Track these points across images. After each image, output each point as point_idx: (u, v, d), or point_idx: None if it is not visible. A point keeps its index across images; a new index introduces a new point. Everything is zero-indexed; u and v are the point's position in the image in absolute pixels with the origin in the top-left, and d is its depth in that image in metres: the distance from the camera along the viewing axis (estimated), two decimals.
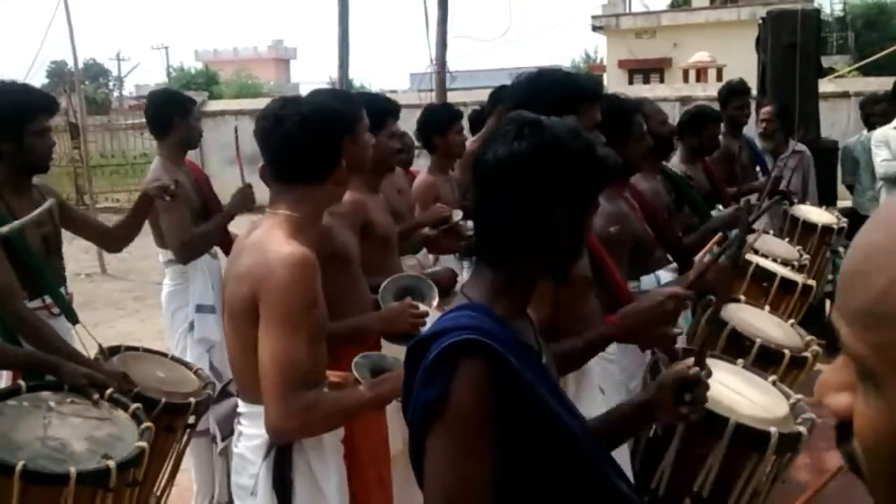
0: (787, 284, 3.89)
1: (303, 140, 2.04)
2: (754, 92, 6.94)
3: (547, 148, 1.39)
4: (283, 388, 1.89)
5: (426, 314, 2.59)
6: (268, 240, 2.01)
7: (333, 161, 2.09)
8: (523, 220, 1.40)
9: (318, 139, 2.05)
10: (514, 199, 1.40)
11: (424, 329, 2.09)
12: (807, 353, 2.98)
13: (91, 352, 2.84)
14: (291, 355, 1.90)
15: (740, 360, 2.71)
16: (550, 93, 2.18)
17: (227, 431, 2.26)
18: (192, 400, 2.78)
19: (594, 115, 2.33)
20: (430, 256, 4.14)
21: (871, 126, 6.07)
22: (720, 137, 4.86)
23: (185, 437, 2.87)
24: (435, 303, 2.79)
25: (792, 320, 3.36)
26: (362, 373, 2.26)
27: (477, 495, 1.28)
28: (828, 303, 6.25)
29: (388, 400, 2.08)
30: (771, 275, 3.86)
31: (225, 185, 4.33)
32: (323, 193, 2.10)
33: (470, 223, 3.01)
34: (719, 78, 17.71)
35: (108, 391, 2.48)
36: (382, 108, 2.97)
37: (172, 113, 3.90)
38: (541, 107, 1.55)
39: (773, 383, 2.57)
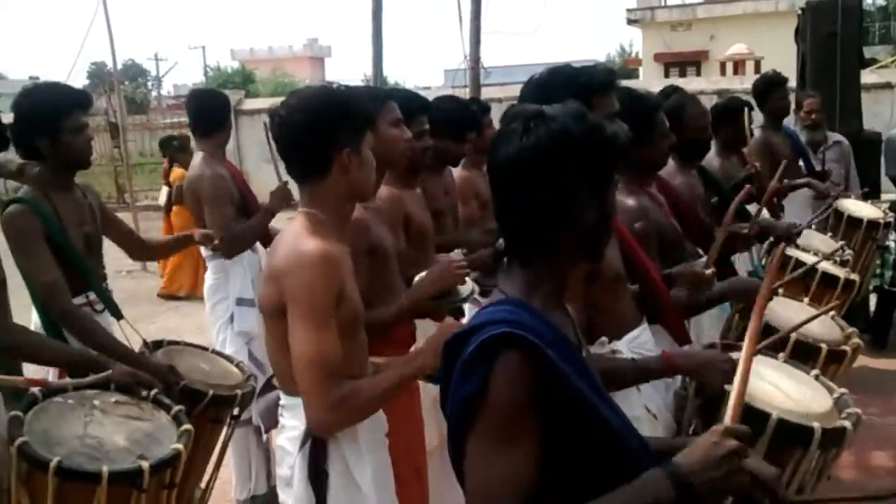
0: (829, 279, 3.83)
1: (292, 137, 2.06)
2: (793, 83, 6.84)
3: (555, 138, 1.39)
4: (318, 383, 1.92)
5: (467, 271, 2.65)
6: (290, 239, 2.04)
7: (326, 153, 2.05)
8: (545, 214, 1.40)
9: (304, 134, 2.04)
10: (532, 194, 1.40)
11: (463, 320, 2.09)
12: (846, 347, 2.91)
13: (134, 347, 2.89)
14: (321, 350, 1.92)
15: (781, 354, 2.67)
16: (563, 89, 2.17)
17: (271, 424, 2.29)
18: (238, 392, 2.83)
19: (610, 103, 2.30)
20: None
21: None
22: (759, 130, 4.79)
23: (231, 429, 2.92)
24: (470, 287, 2.80)
25: (833, 312, 3.28)
26: None
27: (516, 487, 1.28)
28: (873, 298, 6.15)
29: (423, 372, 2.07)
30: (812, 269, 3.80)
31: (262, 183, 4.39)
32: (333, 186, 2.07)
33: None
34: (757, 70, 17.44)
35: (153, 392, 2.51)
36: (409, 105, 2.95)
37: (222, 113, 4.01)
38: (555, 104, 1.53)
39: (816, 377, 2.53)
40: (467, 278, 2.74)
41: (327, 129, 2.04)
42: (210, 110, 4.02)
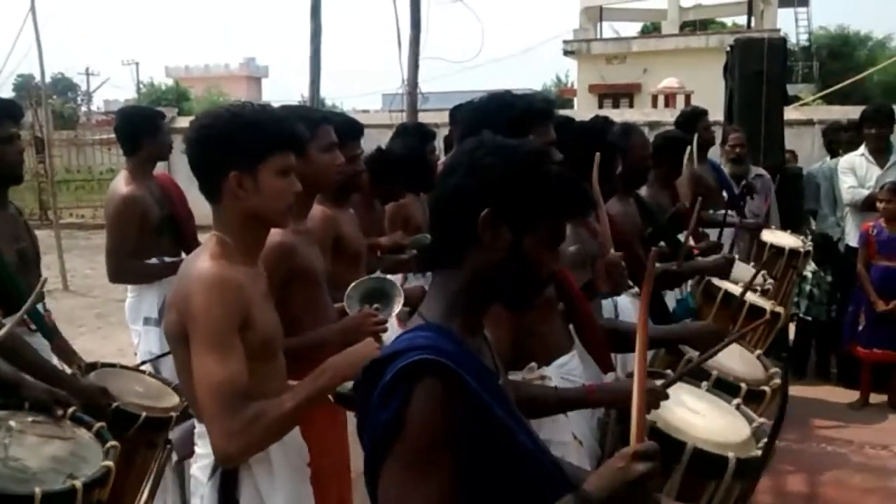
0: (756, 311, 3.92)
1: (189, 155, 2.00)
2: (720, 117, 7.06)
3: (479, 174, 1.41)
4: (219, 411, 1.84)
5: (385, 321, 2.56)
6: (192, 264, 1.98)
7: (214, 175, 1.98)
8: (452, 242, 1.43)
9: (197, 153, 1.99)
10: (443, 221, 1.45)
11: (385, 338, 2.06)
12: (766, 388, 2.95)
13: (65, 368, 2.78)
14: (223, 377, 1.84)
15: (704, 383, 2.71)
16: (502, 115, 2.18)
17: (187, 452, 2.21)
18: (173, 414, 2.75)
19: (548, 133, 2.32)
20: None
21: (833, 153, 6.19)
22: (685, 161, 4.91)
23: (166, 453, 2.82)
24: (400, 302, 2.75)
25: (758, 351, 3.35)
26: (352, 305, 2.20)
27: None
28: (791, 326, 6.35)
29: (332, 388, 2.00)
30: (740, 301, 3.89)
31: (194, 202, 4.28)
32: (229, 210, 2.00)
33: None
34: (687, 103, 17.91)
35: (71, 409, 2.42)
36: (345, 129, 2.93)
37: (142, 130, 3.91)
38: (494, 130, 1.53)
39: (737, 407, 2.57)
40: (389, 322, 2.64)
41: (215, 149, 1.97)
42: (134, 127, 3.95)
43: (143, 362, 3.45)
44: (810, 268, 6.03)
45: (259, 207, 2.00)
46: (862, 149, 5.81)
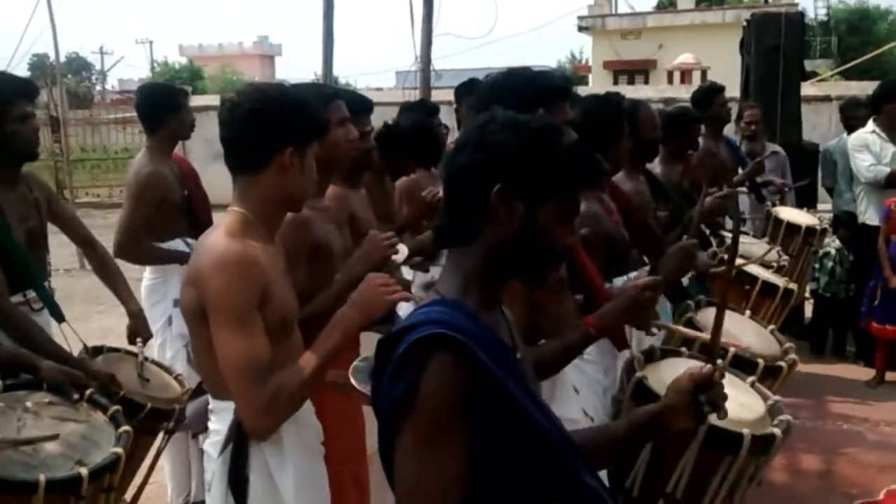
0: (769, 288, 3.90)
1: (237, 124, 2.01)
2: (736, 93, 6.99)
3: (489, 148, 1.41)
4: (247, 387, 1.88)
5: (396, 241, 2.61)
6: (210, 241, 1.98)
7: (268, 147, 2.00)
8: (466, 217, 1.44)
9: (251, 123, 2.00)
10: (458, 196, 1.45)
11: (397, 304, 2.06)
12: (782, 363, 2.95)
13: (72, 348, 2.80)
14: (245, 354, 1.87)
15: (719, 362, 2.70)
16: (519, 92, 2.17)
17: (201, 428, 2.23)
18: (177, 406, 2.78)
19: (564, 111, 2.31)
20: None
21: (851, 129, 6.12)
22: (700, 139, 4.87)
23: (164, 441, 2.87)
24: (404, 253, 2.76)
25: (772, 326, 3.34)
26: (361, 377, 2.23)
27: (446, 490, 1.27)
28: (808, 305, 6.32)
29: (345, 341, 2.01)
30: (753, 278, 3.87)
31: (209, 181, 4.29)
32: (267, 184, 2.02)
33: None
34: (703, 79, 17.77)
35: (88, 391, 2.44)
36: (355, 106, 2.93)
37: (164, 108, 3.88)
38: (510, 106, 1.53)
39: (752, 384, 2.57)
40: (400, 245, 2.70)
41: (276, 123, 1.99)
42: (154, 105, 3.91)
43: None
44: (834, 245, 6.00)
45: (297, 186, 2.05)
46: (871, 125, 5.73)
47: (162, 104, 3.89)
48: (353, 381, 2.21)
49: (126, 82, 42.06)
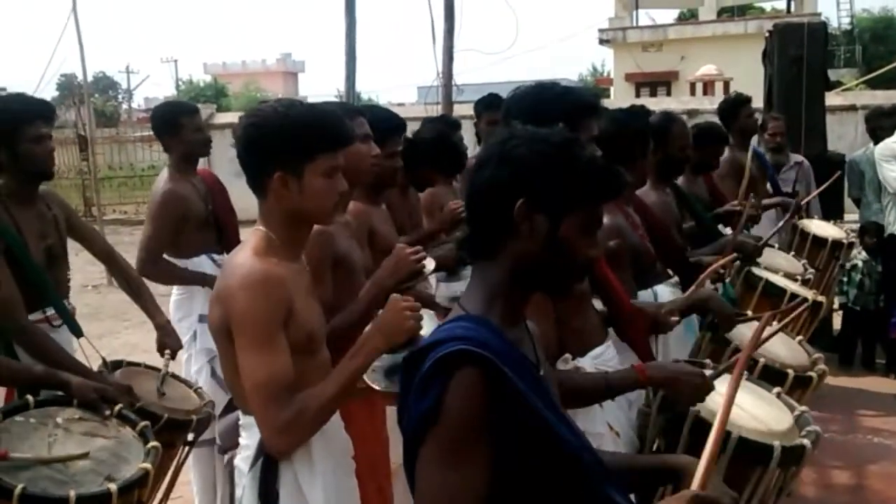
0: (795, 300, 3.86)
1: (238, 151, 2.01)
2: (760, 104, 6.94)
3: (521, 172, 1.42)
4: (266, 406, 1.90)
5: (424, 255, 2.56)
6: (236, 260, 2.00)
7: (259, 174, 2.00)
8: (489, 230, 1.45)
9: (244, 150, 2.00)
10: (480, 209, 1.46)
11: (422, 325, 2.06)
12: (812, 373, 2.93)
13: (93, 364, 2.83)
14: (266, 373, 1.88)
15: (746, 373, 2.68)
16: (549, 107, 2.18)
17: (231, 443, 2.25)
18: (194, 417, 2.79)
19: (592, 127, 2.33)
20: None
21: (877, 139, 6.05)
22: (727, 150, 4.85)
23: (184, 455, 2.87)
24: (431, 266, 2.73)
25: (800, 337, 3.32)
26: (375, 378, 2.24)
27: None
28: (836, 318, 6.24)
29: (370, 363, 2.02)
30: (781, 291, 3.83)
31: (235, 198, 4.33)
32: (273, 207, 2.01)
33: None
34: (726, 91, 17.69)
35: (117, 407, 2.47)
36: (386, 125, 2.94)
37: (164, 131, 3.91)
38: (540, 121, 1.54)
39: (778, 395, 2.54)
40: (427, 259, 2.66)
41: (261, 150, 1.99)
42: (156, 128, 3.97)
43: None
44: (861, 256, 5.92)
45: (302, 207, 2.01)
46: None
47: (162, 127, 3.93)
48: (367, 380, 2.21)
49: (152, 100, 42.60)
